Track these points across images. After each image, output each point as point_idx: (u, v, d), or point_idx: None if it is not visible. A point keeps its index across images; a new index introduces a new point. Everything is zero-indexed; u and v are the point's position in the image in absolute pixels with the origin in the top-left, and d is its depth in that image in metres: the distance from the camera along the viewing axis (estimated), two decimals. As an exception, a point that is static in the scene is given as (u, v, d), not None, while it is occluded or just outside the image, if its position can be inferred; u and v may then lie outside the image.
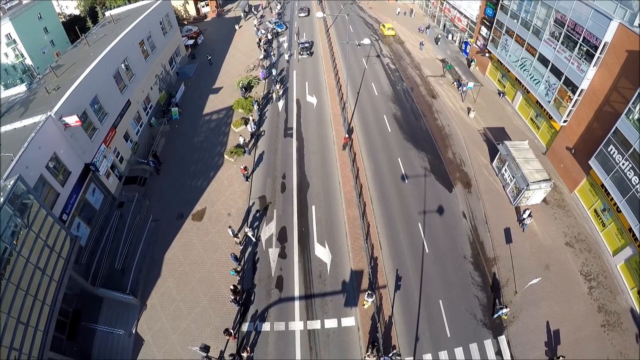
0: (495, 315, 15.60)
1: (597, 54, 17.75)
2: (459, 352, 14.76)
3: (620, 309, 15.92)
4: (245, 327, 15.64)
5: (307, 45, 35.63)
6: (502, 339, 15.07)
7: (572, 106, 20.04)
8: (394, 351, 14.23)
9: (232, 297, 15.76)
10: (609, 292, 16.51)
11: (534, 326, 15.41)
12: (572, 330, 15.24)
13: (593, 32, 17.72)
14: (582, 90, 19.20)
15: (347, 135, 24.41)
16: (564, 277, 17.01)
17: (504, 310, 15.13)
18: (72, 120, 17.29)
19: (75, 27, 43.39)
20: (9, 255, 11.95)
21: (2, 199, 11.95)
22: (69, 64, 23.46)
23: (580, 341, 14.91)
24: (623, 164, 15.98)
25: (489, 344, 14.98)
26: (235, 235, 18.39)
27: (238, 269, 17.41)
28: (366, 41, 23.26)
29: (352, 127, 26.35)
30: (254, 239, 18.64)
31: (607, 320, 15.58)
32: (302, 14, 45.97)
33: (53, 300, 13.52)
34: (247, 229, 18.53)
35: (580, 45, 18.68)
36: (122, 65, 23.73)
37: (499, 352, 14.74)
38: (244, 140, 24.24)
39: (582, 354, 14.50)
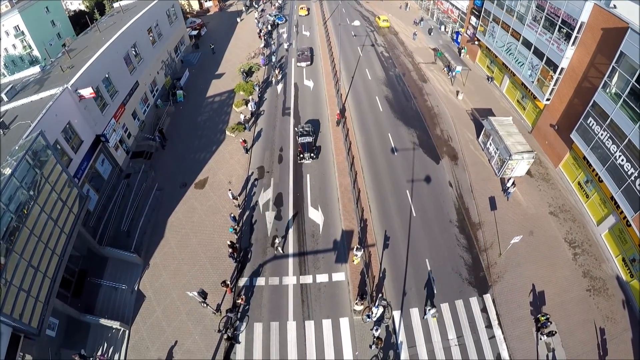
0: (424, 317, 15.08)
1: (575, 34, 18.92)
2: (445, 307, 15.38)
3: (605, 276, 16.29)
4: (241, 282, 16.57)
5: (308, 140, 22.03)
6: (488, 297, 15.65)
7: (554, 84, 21.19)
8: (380, 295, 15.19)
9: (230, 252, 16.78)
10: (594, 260, 16.95)
11: (519, 286, 15.86)
12: (558, 293, 15.66)
13: (570, 14, 18.93)
14: (562, 68, 20.34)
15: (339, 112, 25.63)
16: (548, 244, 17.53)
17: (432, 311, 14.49)
18: (87, 92, 18.69)
19: (80, 21, 45.11)
20: (27, 202, 13.05)
21: (23, 151, 13.16)
22: (81, 47, 24.88)
23: (565, 303, 15.35)
24: (602, 134, 16.95)
25: (474, 301, 15.57)
26: (235, 198, 19.49)
27: (237, 228, 18.44)
28: (356, 23, 25.45)
29: (346, 106, 27.54)
30: (281, 251, 17.62)
31: (592, 286, 15.98)
32: (303, 64, 32.16)
33: (62, 251, 14.46)
34: (276, 241, 17.28)
35: (560, 26, 19.89)
36: (132, 48, 25.19)
37: (484, 310, 15.30)
38: (245, 117, 25.55)
39: (568, 315, 14.89)
